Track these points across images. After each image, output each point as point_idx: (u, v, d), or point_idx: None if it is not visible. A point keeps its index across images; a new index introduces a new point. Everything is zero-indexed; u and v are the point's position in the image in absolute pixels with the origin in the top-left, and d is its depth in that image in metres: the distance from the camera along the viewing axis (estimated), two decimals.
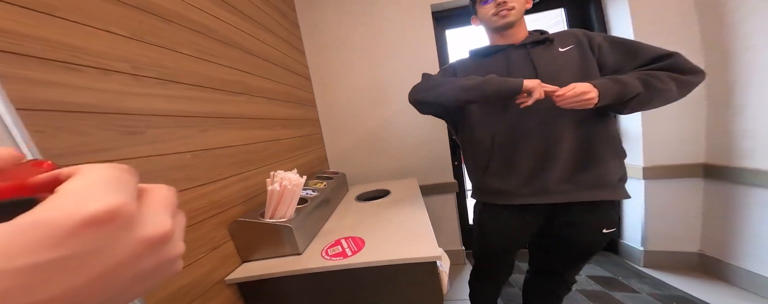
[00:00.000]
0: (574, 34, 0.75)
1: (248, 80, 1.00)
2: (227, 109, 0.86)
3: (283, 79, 1.29)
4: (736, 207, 1.19)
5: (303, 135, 1.43)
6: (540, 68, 0.73)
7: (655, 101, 0.65)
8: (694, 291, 1.21)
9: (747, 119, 1.11)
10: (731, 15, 1.10)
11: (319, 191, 1.09)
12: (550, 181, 0.72)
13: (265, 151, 1.03)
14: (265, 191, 0.81)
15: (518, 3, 0.75)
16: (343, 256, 0.75)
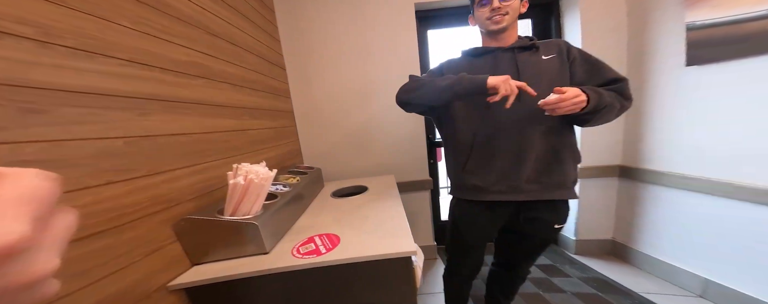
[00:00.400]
0: (557, 45, 0.77)
1: (210, 64, 0.84)
2: (180, 92, 0.71)
3: (254, 66, 1.13)
4: (638, 201, 1.39)
5: (274, 127, 1.27)
6: (523, 72, 0.74)
7: (604, 118, 0.69)
8: (608, 273, 1.39)
9: (646, 126, 1.30)
10: (645, 24, 1.25)
11: (292, 187, 0.96)
12: (520, 180, 0.75)
13: (227, 141, 0.89)
14: (226, 185, 0.68)
15: (512, 9, 0.74)
16: (316, 253, 0.67)
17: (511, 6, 0.73)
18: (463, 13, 1.48)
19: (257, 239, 0.67)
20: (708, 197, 1.10)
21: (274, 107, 1.29)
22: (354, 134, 1.56)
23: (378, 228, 0.79)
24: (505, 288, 0.99)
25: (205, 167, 0.76)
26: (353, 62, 1.47)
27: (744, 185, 0.99)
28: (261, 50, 1.21)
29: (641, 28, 1.25)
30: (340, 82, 1.50)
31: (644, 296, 1.20)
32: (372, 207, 0.97)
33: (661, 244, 1.31)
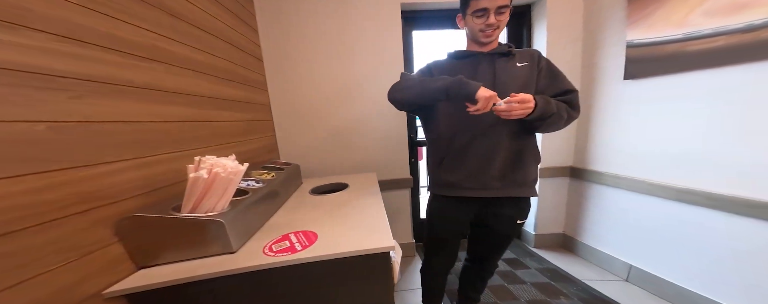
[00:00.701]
0: (531, 54, 0.80)
1: (170, 47, 0.74)
2: (127, 75, 0.60)
3: (225, 54, 1.02)
4: (583, 198, 1.53)
5: (247, 119, 1.15)
6: (498, 77, 0.77)
7: (553, 126, 0.75)
8: (559, 263, 1.51)
9: (592, 131, 1.43)
10: (595, 40, 1.37)
11: (266, 183, 0.88)
12: (489, 178, 0.78)
13: (187, 132, 0.78)
14: (184, 180, 0.60)
15: (503, 24, 0.76)
16: (290, 251, 0.61)
17: (503, 21, 0.75)
18: (448, 16, 1.48)
19: (223, 238, 0.60)
20: (634, 194, 1.24)
21: (248, 99, 1.18)
22: (335, 131, 1.49)
23: (357, 225, 0.75)
24: (475, 282, 1.03)
25: (157, 159, 0.66)
26: (336, 58, 1.41)
27: (662, 183, 1.13)
28: (234, 38, 1.10)
29: (593, 43, 1.37)
30: (321, 77, 1.42)
31: (585, 283, 1.32)
32: (352, 204, 0.93)
33: (599, 236, 1.46)
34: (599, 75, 1.35)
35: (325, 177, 1.39)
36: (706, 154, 0.99)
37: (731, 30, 0.87)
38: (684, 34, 0.98)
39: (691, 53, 0.97)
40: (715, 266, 1.01)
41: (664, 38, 1.04)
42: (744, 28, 0.85)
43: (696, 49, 0.96)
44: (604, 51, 1.30)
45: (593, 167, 1.43)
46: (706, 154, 0.99)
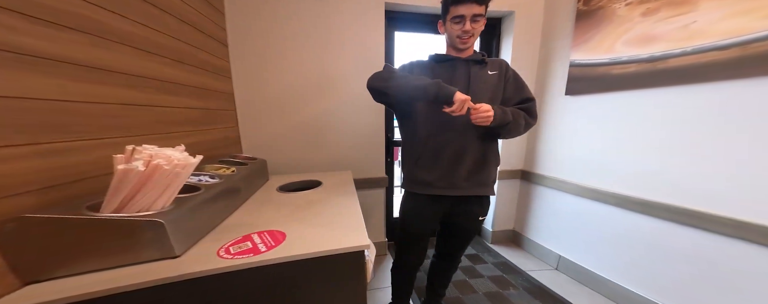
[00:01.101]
0: (500, 63, 0.85)
1: (105, 19, 0.61)
2: (34, 44, 0.47)
3: (179, 34, 0.87)
4: (530, 198, 1.70)
5: (204, 108, 1.01)
6: (472, 83, 0.81)
7: (512, 133, 0.81)
8: (509, 257, 1.65)
9: (539, 139, 1.60)
10: (548, 56, 1.55)
11: (223, 178, 0.75)
12: (458, 178, 0.82)
13: (120, 118, 0.65)
14: (108, 173, 0.48)
15: (477, 32, 0.80)
16: (253, 252, 0.54)
17: (478, 29, 0.78)
18: (429, 21, 1.51)
19: (161, 241, 0.49)
20: (566, 194, 1.43)
21: (207, 86, 1.03)
22: (309, 126, 1.40)
23: (330, 223, 0.70)
24: (441, 278, 1.06)
25: (66, 146, 0.52)
26: (314, 49, 1.32)
27: (583, 185, 1.32)
28: (194, 19, 0.95)
29: (546, 59, 1.53)
30: (295, 68, 1.32)
31: (528, 273, 1.46)
32: (325, 202, 0.87)
33: (538, 231, 1.64)
34: (547, 89, 1.51)
35: (296, 174, 1.29)
36: (614, 163, 1.19)
37: (641, 59, 1.05)
38: (609, 58, 1.16)
39: (614, 76, 1.15)
40: (612, 251, 1.21)
41: (596, 61, 1.21)
42: (648, 59, 1.03)
43: (617, 72, 1.13)
44: (553, 68, 1.47)
45: (539, 170, 1.60)
46: (614, 163, 1.19)
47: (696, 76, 0.91)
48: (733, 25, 0.82)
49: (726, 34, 0.83)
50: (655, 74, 1.01)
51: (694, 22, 0.90)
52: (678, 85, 0.96)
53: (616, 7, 1.12)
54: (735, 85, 0.84)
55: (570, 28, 1.34)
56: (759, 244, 0.81)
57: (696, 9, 0.90)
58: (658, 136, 1.04)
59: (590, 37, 1.23)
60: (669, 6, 0.96)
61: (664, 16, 0.98)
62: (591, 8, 1.22)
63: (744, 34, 0.79)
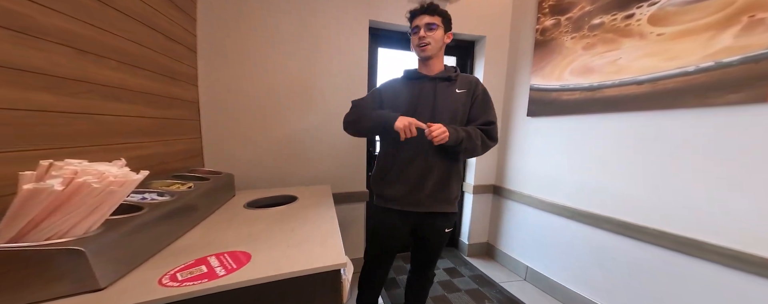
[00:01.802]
0: (470, 82, 0.88)
1: (37, 15, 0.54)
2: None
3: (136, 36, 0.82)
4: (501, 212, 1.78)
5: (160, 117, 0.93)
6: (437, 99, 0.86)
7: (469, 152, 0.84)
8: (484, 269, 1.68)
9: (508, 155, 1.72)
10: (513, 80, 1.69)
11: (175, 195, 0.67)
12: (422, 195, 0.86)
13: (43, 127, 0.57)
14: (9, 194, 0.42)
15: (434, 41, 0.84)
16: (207, 277, 0.48)
17: (433, 37, 0.83)
18: (408, 39, 1.59)
19: (81, 271, 0.42)
20: (531, 208, 1.53)
21: (166, 93, 0.97)
22: (286, 138, 1.35)
23: (305, 240, 0.65)
24: (418, 293, 1.05)
25: None
26: (296, 61, 1.32)
27: (544, 199, 1.43)
28: (156, 21, 0.91)
29: (512, 82, 1.69)
30: (275, 78, 1.30)
31: (501, 285, 1.50)
32: (300, 218, 0.82)
33: (509, 243, 1.71)
34: (513, 110, 1.66)
35: (269, 189, 1.21)
36: (565, 179, 1.32)
37: (583, 87, 1.22)
38: (560, 85, 1.32)
39: (563, 101, 1.31)
40: (568, 260, 1.29)
41: (550, 87, 1.37)
42: (588, 87, 1.19)
43: (565, 98, 1.30)
44: (517, 90, 1.63)
45: (508, 185, 1.70)
46: (565, 179, 1.32)
47: (622, 106, 1.08)
48: (646, 64, 0.99)
49: (641, 71, 1.01)
50: (594, 101, 1.18)
51: (619, 58, 1.08)
52: (610, 113, 1.13)
53: (564, 40, 1.31)
54: (648, 116, 1.01)
55: (530, 54, 1.51)
56: (673, 250, 0.94)
57: (620, 47, 1.08)
58: (597, 156, 1.19)
59: (545, 64, 1.41)
60: (602, 42, 1.15)
61: (599, 50, 1.16)
62: (546, 39, 1.41)
63: (654, 72, 0.97)
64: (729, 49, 0.80)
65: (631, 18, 1.03)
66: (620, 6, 1.07)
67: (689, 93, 0.88)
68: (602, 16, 1.14)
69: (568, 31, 1.28)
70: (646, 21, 0.99)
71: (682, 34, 0.89)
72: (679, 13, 0.91)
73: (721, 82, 0.81)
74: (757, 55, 0.75)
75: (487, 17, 1.61)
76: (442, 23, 0.84)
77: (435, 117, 0.83)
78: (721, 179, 0.83)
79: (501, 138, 1.75)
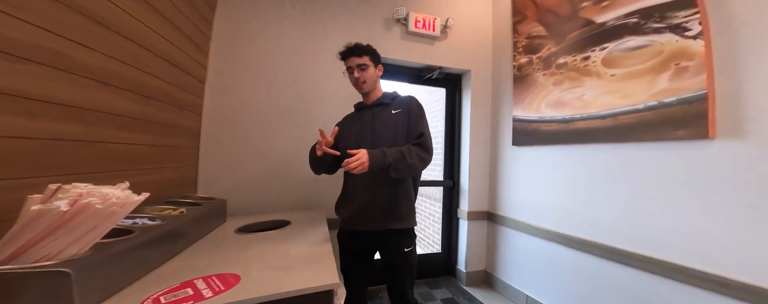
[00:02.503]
0: (404, 101, 0.95)
1: (71, 52, 0.63)
2: None
3: (154, 69, 0.92)
4: (496, 238, 1.77)
5: (160, 145, 0.99)
6: (376, 123, 0.95)
7: (405, 172, 0.85)
8: (483, 299, 1.60)
9: (497, 183, 1.77)
10: (498, 111, 1.82)
11: (167, 220, 0.68)
12: (374, 214, 0.91)
13: (57, 154, 0.62)
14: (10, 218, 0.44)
15: (368, 78, 0.95)
16: (193, 300, 0.48)
17: (365, 76, 0.94)
18: (404, 72, 1.78)
19: (58, 295, 0.41)
20: (524, 234, 1.53)
21: (170, 121, 1.04)
22: (280, 166, 1.40)
23: (296, 262, 0.67)
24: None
25: None
26: (294, 92, 1.44)
27: (536, 225, 1.45)
28: (173, 55, 1.02)
29: (497, 113, 1.82)
30: (275, 107, 1.40)
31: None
32: (293, 241, 0.83)
33: (507, 271, 1.67)
34: (500, 138, 1.77)
35: (263, 215, 1.22)
36: (554, 205, 1.36)
37: (557, 120, 1.34)
38: (538, 117, 1.45)
39: (543, 132, 1.42)
40: (570, 288, 1.25)
41: (530, 118, 1.50)
42: (561, 120, 1.32)
43: (544, 129, 1.41)
44: (502, 121, 1.76)
45: (500, 212, 1.73)
46: (554, 205, 1.36)
47: (593, 137, 1.19)
48: (606, 100, 1.13)
49: (603, 106, 1.14)
50: (567, 133, 1.30)
51: (584, 95, 1.23)
52: (584, 144, 1.23)
53: (538, 76, 1.48)
54: (616, 147, 1.11)
55: (510, 88, 1.68)
56: (661, 275, 0.95)
57: (584, 84, 1.24)
58: (578, 184, 1.26)
59: (524, 96, 1.56)
60: (568, 79, 1.31)
61: (566, 87, 1.32)
62: (522, 74, 1.59)
63: (613, 108, 1.10)
64: (667, 90, 0.94)
65: (588, 60, 1.21)
66: (578, 49, 1.26)
67: (643, 128, 1.00)
68: (565, 57, 1.32)
69: (539, 68, 1.47)
70: (600, 63, 1.16)
71: (630, 76, 1.05)
72: (623, 58, 1.08)
73: (666, 120, 0.93)
74: (688, 98, 0.88)
75: (471, 53, 1.83)
76: (371, 61, 0.94)
77: (375, 139, 0.92)
78: (687, 207, 0.90)
79: (491, 165, 1.83)
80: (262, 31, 1.38)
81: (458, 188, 1.88)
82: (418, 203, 1.01)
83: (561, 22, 1.35)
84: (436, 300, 1.57)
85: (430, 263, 1.89)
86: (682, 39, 0.89)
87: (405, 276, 0.95)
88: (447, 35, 1.76)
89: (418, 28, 1.64)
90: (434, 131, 2.89)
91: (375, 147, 0.87)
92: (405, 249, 0.92)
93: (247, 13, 1.37)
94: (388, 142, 0.89)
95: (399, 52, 1.65)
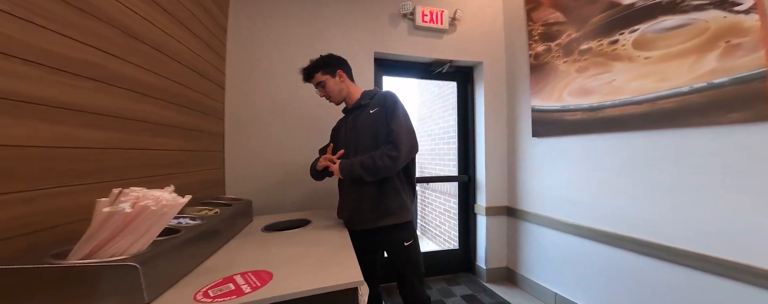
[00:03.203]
0: (381, 99, 0.95)
1: (113, 66, 0.69)
2: (43, 92, 0.53)
3: (182, 78, 0.98)
4: (517, 234, 1.71)
5: (192, 149, 1.05)
6: (357, 126, 0.97)
7: (381, 174, 0.87)
8: (506, 296, 1.57)
9: (517, 177, 1.71)
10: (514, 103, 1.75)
11: (205, 219, 0.74)
12: (364, 213, 0.94)
13: (102, 161, 0.67)
14: (82, 219, 0.51)
15: (331, 93, 1.00)
16: (235, 294, 0.52)
17: (327, 92, 1.00)
18: (412, 68, 1.77)
19: (131, 287, 0.47)
20: (550, 230, 1.47)
21: (198, 127, 1.10)
22: (299, 166, 1.43)
23: (321, 261, 0.69)
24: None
25: (34, 195, 0.52)
26: (308, 95, 1.45)
27: (563, 220, 1.38)
28: (196, 63, 1.08)
29: (513, 105, 1.76)
30: (290, 112, 1.44)
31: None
32: (315, 240, 0.86)
33: (531, 268, 1.61)
34: (518, 131, 1.71)
35: (283, 213, 1.26)
36: (581, 199, 1.29)
37: (583, 108, 1.27)
38: (560, 106, 1.38)
39: (567, 121, 1.35)
40: (604, 287, 1.20)
41: (551, 108, 1.43)
42: (588, 108, 1.25)
43: (568, 118, 1.34)
44: (519, 112, 1.69)
45: (521, 206, 1.67)
46: (581, 199, 1.29)
47: (626, 125, 1.11)
48: (640, 85, 1.05)
49: (637, 91, 1.06)
50: (596, 122, 1.22)
51: (614, 80, 1.15)
52: (616, 132, 1.15)
53: (558, 64, 1.41)
54: (655, 134, 1.02)
55: (527, 78, 1.61)
56: (711, 273, 0.87)
57: (611, 70, 1.16)
58: (611, 176, 1.18)
59: (543, 86, 1.49)
60: (594, 65, 1.23)
61: (592, 73, 1.24)
62: (540, 63, 1.52)
63: (650, 93, 1.02)
64: (717, 70, 0.85)
65: (617, 43, 1.13)
66: (604, 33, 1.18)
67: (688, 112, 0.92)
68: (589, 42, 1.25)
69: (559, 55, 1.39)
70: (631, 46, 1.08)
71: (668, 58, 0.96)
72: (659, 39, 0.99)
73: (718, 102, 0.85)
74: (744, 77, 0.80)
75: (482, 44, 1.77)
76: (324, 75, 0.97)
77: (359, 142, 0.95)
78: (741, 198, 0.82)
79: (510, 159, 1.77)
80: (269, 34, 1.41)
81: (474, 183, 1.85)
82: (430, 199, 1.04)
83: (581, 6, 1.27)
84: (455, 296, 1.56)
85: (447, 259, 1.87)
86: (731, 14, 0.81)
87: (409, 271, 0.95)
88: (456, 28, 1.71)
89: (426, 21, 1.61)
90: (446, 126, 2.93)
91: (359, 149, 0.93)
92: (404, 244, 0.93)
93: (255, 15, 1.39)
94: (370, 143, 0.91)
95: (407, 48, 1.63)
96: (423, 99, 3.61)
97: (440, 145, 3.06)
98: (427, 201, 3.32)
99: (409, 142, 0.88)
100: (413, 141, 0.90)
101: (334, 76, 0.98)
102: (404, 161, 0.88)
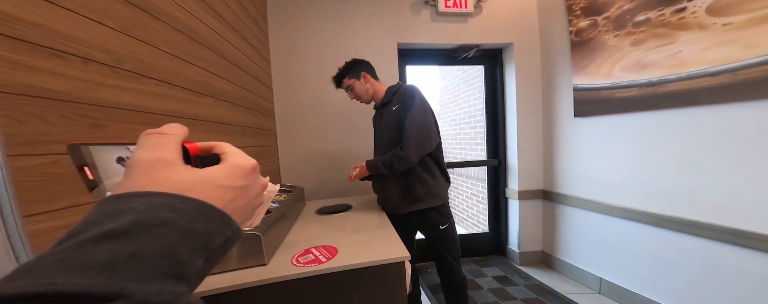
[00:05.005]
0: (401, 94, 1.00)
1: (215, 82, 0.85)
2: (191, 110, 0.71)
3: (248, 84, 1.13)
4: (555, 218, 1.68)
5: (260, 145, 1.23)
6: (383, 124, 1.05)
7: (399, 169, 0.96)
8: (542, 279, 1.59)
9: (554, 159, 1.65)
10: (551, 83, 1.67)
11: (281, 203, 0.94)
12: (395, 201, 1.03)
13: None
14: None
15: (359, 94, 1.07)
16: (317, 262, 0.67)
17: (356, 94, 1.07)
18: (435, 55, 1.76)
19: (258, 251, 0.65)
20: (593, 213, 1.41)
21: (261, 126, 1.26)
22: (335, 155, 1.57)
23: (370, 239, 0.82)
24: (454, 293, 1.09)
25: None
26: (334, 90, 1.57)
27: (609, 203, 1.32)
28: (254, 70, 1.22)
29: (550, 84, 1.66)
30: (324, 105, 1.55)
31: (567, 296, 1.39)
32: (361, 222, 0.99)
33: (571, 252, 1.58)
34: (556, 112, 1.62)
35: (326, 199, 1.43)
36: (633, 180, 1.22)
37: (640, 84, 1.15)
38: (610, 83, 1.27)
39: (618, 99, 1.25)
40: (657, 272, 1.16)
41: (599, 85, 1.33)
42: (647, 83, 1.13)
43: (620, 96, 1.24)
44: (558, 92, 1.59)
45: (559, 190, 1.62)
46: (633, 180, 1.22)
47: (691, 100, 1.00)
48: (718, 54, 0.93)
49: (714, 62, 0.94)
50: (657, 97, 1.11)
51: (680, 52, 1.02)
52: (683, 107, 1.04)
53: (606, 38, 1.29)
54: (735, 107, 0.91)
55: (568, 56, 1.49)
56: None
57: (677, 41, 1.03)
58: (677, 155, 1.08)
59: (587, 63, 1.38)
60: (653, 37, 1.10)
61: (651, 46, 1.11)
62: (583, 39, 1.40)
63: (731, 62, 0.90)
64: None
65: (684, 11, 0.99)
66: (665, 1, 1.05)
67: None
68: (646, 13, 1.12)
69: (608, 29, 1.27)
70: (704, 12, 0.94)
71: (755, 22, 0.83)
72: (742, 2, 0.85)
73: None
74: None
75: (513, 25, 1.66)
76: (351, 79, 1.04)
77: (383, 139, 1.04)
78: None
79: (546, 141, 1.71)
80: (304, 34, 1.50)
81: (505, 167, 1.82)
82: (457, 184, 1.04)
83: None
84: (487, 277, 1.61)
85: (477, 242, 1.92)
86: None
87: (446, 252, 1.03)
88: (482, 9, 1.62)
89: (449, 6, 1.55)
90: (472, 110, 2.87)
91: (384, 145, 1.02)
92: (440, 227, 1.00)
93: (289, 18, 1.48)
94: (394, 140, 0.98)
95: (430, 36, 1.59)
96: (446, 83, 3.51)
97: (466, 129, 3.00)
98: (453, 185, 3.35)
99: (417, 142, 0.93)
100: (422, 139, 0.93)
101: (359, 78, 1.05)
102: (415, 158, 0.94)
